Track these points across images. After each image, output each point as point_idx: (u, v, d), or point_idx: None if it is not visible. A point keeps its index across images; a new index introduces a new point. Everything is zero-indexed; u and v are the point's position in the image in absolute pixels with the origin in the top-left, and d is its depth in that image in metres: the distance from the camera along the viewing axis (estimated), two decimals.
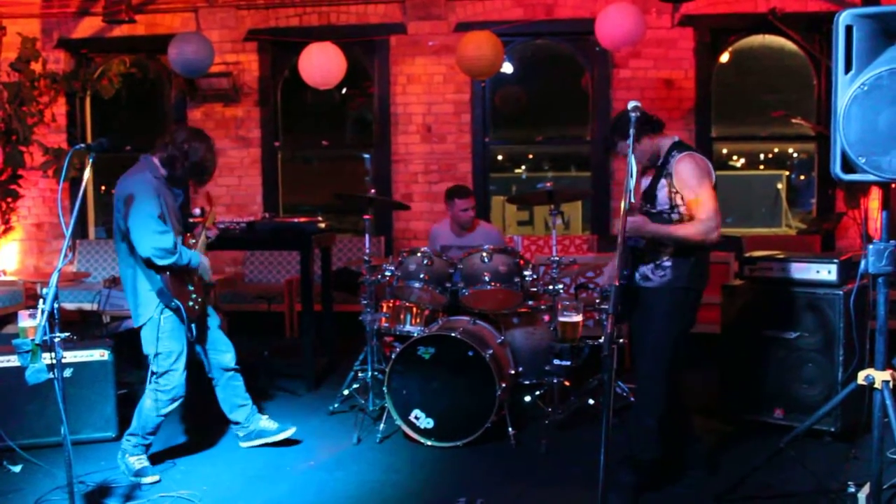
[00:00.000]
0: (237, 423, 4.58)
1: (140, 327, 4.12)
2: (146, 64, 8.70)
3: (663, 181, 3.81)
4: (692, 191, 3.71)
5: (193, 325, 4.15)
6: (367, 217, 5.27)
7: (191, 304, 4.13)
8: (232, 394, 4.51)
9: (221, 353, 4.45)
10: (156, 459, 4.27)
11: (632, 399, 5.02)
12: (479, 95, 8.14)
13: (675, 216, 3.77)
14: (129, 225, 3.93)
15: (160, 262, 3.93)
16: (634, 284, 3.87)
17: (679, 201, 3.74)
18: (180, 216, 4.29)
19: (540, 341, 5.09)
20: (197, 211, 4.61)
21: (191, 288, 4.17)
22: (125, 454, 4.17)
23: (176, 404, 4.20)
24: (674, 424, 3.93)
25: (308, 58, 7.32)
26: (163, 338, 4.06)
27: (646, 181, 3.93)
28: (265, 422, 4.60)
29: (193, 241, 4.33)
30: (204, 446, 4.66)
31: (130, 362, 5.76)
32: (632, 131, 3.34)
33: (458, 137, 8.15)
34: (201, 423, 5.05)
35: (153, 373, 4.12)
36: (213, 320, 4.46)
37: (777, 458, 3.68)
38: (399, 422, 4.63)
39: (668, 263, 3.78)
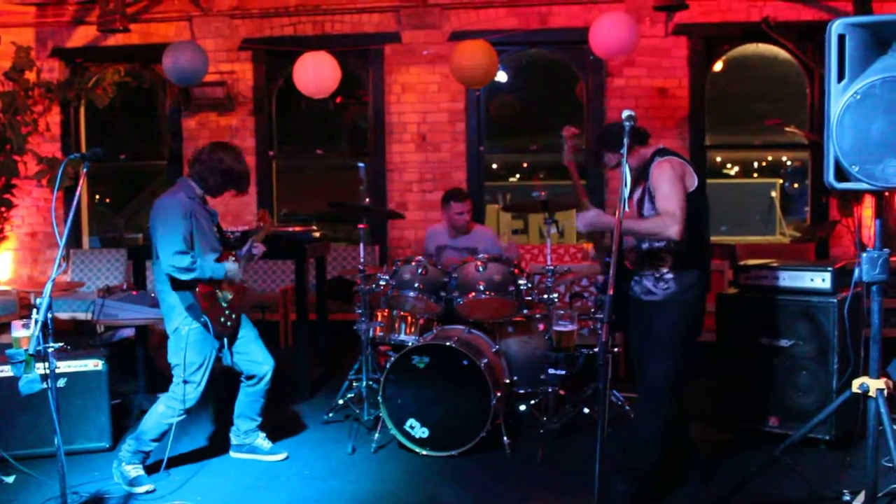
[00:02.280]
0: (237, 428, 4.60)
1: (161, 329, 4.30)
2: (140, 73, 8.70)
3: (641, 186, 3.85)
4: (660, 190, 3.71)
5: (226, 340, 4.29)
6: (361, 226, 5.26)
7: (222, 319, 4.23)
8: (249, 405, 4.55)
9: (258, 364, 4.47)
10: (150, 469, 4.24)
11: (627, 408, 5.02)
12: (473, 104, 8.15)
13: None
14: (155, 244, 4.11)
15: (181, 277, 4.07)
16: (632, 296, 3.89)
17: (648, 202, 3.78)
18: (216, 234, 4.39)
19: (535, 350, 5.09)
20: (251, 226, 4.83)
21: (224, 305, 4.27)
22: (121, 462, 4.15)
23: (185, 416, 4.23)
24: (672, 433, 3.93)
25: (303, 67, 7.33)
26: (187, 349, 4.14)
27: (634, 191, 3.95)
28: (261, 440, 4.62)
29: (233, 257, 4.41)
30: (199, 456, 4.64)
31: (124, 372, 5.74)
32: (626, 140, 3.34)
33: (452, 146, 8.16)
34: (197, 433, 5.04)
35: (173, 380, 4.21)
36: (250, 331, 4.50)
37: (772, 467, 3.68)
38: (394, 431, 4.62)
39: (670, 276, 3.80)
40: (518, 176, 9.72)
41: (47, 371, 3.10)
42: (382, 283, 5.13)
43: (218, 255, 4.30)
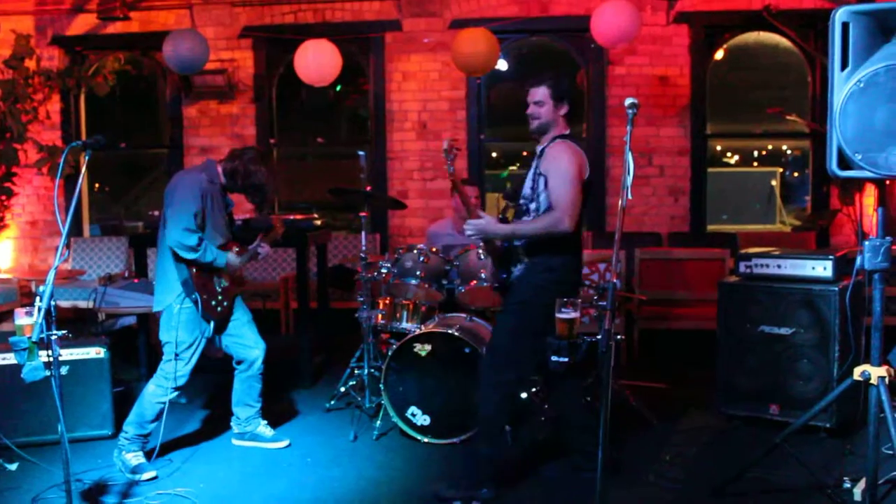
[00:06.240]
0: (237, 417, 4.62)
1: (158, 313, 4.28)
2: (141, 61, 8.69)
3: (534, 165, 3.82)
4: (556, 175, 3.65)
5: (213, 324, 4.30)
6: (363, 214, 5.27)
7: (214, 303, 4.26)
8: (246, 391, 4.57)
9: (249, 348, 4.50)
10: (152, 456, 4.26)
11: (627, 393, 5.03)
12: (474, 92, 8.14)
13: (532, 205, 3.76)
14: (166, 214, 4.14)
15: (182, 255, 4.12)
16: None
17: (542, 186, 3.71)
18: (227, 223, 4.45)
19: None
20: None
21: (219, 289, 4.30)
22: (121, 451, 4.18)
23: (176, 394, 4.25)
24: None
25: (303, 55, 7.31)
26: (178, 327, 4.17)
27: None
28: (263, 427, 4.64)
29: (237, 249, 4.43)
30: (201, 443, 4.66)
31: (126, 360, 5.75)
32: (629, 128, 3.32)
33: (453, 134, 8.13)
34: (198, 420, 5.05)
35: (162, 358, 4.23)
36: (243, 315, 4.54)
37: (773, 454, 3.70)
38: (395, 419, 4.63)
39: (525, 259, 3.79)
40: (518, 164, 9.70)
41: (50, 359, 3.10)
42: (384, 271, 5.13)
43: (224, 242, 4.34)
